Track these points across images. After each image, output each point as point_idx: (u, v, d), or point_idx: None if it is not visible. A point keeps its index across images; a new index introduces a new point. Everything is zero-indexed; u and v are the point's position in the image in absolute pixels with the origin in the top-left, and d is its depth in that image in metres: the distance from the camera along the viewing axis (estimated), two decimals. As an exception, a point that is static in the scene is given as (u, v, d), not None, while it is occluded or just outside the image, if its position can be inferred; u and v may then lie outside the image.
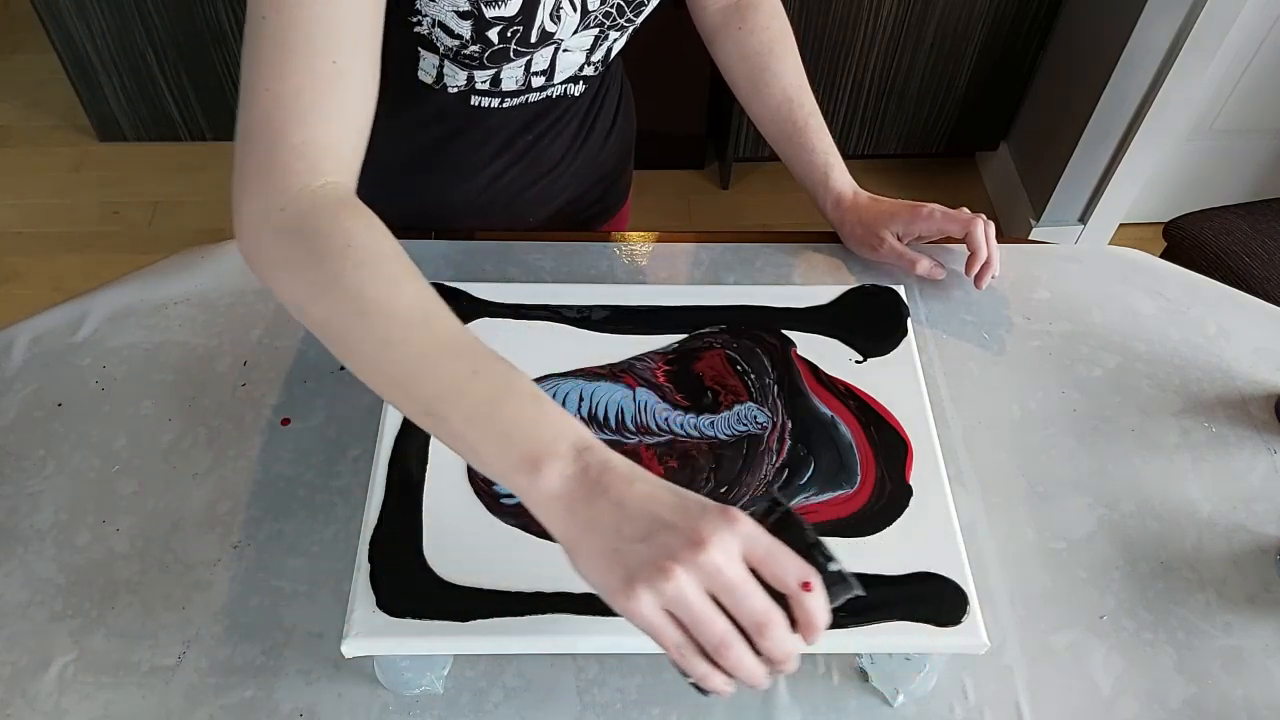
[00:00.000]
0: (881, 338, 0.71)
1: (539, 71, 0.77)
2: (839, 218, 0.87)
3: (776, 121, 0.87)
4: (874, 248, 0.85)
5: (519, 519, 0.60)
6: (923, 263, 0.83)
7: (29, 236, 2.05)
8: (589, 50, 0.77)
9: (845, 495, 0.63)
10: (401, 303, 0.51)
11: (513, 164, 0.87)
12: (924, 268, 0.83)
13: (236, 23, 2.00)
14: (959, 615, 0.57)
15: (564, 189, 0.93)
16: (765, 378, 0.69)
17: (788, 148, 0.87)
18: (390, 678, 0.61)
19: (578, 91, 0.84)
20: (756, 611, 0.44)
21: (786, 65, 0.86)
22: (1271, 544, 0.71)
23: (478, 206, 0.89)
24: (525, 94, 0.80)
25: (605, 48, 0.79)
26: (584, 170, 0.93)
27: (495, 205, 0.90)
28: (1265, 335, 0.84)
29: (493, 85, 0.77)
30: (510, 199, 0.90)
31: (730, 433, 0.66)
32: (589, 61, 0.80)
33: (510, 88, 0.78)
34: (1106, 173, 1.92)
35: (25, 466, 0.71)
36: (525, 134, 0.85)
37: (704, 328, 0.72)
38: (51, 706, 0.61)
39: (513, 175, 0.88)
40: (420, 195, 0.88)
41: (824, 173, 0.86)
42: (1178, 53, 1.68)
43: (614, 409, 0.66)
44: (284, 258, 0.53)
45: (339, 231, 0.52)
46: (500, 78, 0.76)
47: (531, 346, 0.69)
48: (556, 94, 0.83)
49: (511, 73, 0.76)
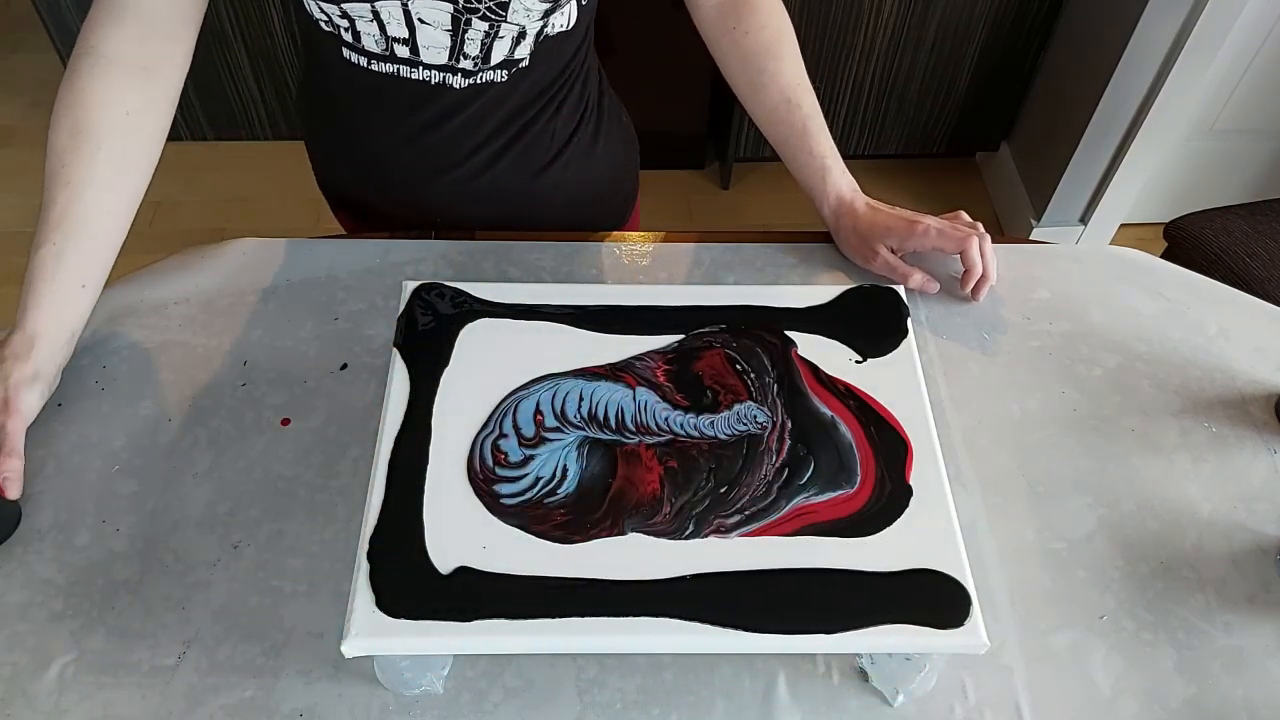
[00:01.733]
0: (881, 338, 0.72)
1: (399, 39, 0.76)
2: (835, 224, 0.87)
3: (775, 123, 0.86)
4: (867, 259, 0.85)
5: (519, 519, 0.61)
6: (915, 277, 0.84)
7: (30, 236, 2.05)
8: (453, 33, 0.76)
9: (845, 495, 0.63)
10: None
11: (406, 148, 0.86)
12: (916, 282, 0.84)
13: (237, 23, 2.01)
14: (961, 616, 0.57)
15: (493, 199, 0.91)
16: (765, 377, 0.69)
17: (786, 149, 0.87)
18: (390, 678, 0.61)
19: (460, 84, 0.81)
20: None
21: (785, 65, 0.85)
22: (1271, 544, 0.71)
23: (373, 180, 0.91)
24: (393, 63, 0.79)
25: (480, 43, 0.77)
26: (539, 189, 0.92)
27: (390, 185, 0.90)
28: (1265, 335, 0.84)
29: (354, 39, 0.77)
30: (413, 186, 0.90)
31: (730, 432, 0.66)
32: (463, 53, 0.78)
33: (371, 47, 0.78)
34: (1107, 173, 1.92)
35: (25, 467, 0.71)
36: (420, 117, 0.84)
37: (704, 328, 0.72)
38: (51, 706, 0.61)
39: (409, 159, 0.87)
40: (326, 145, 0.92)
41: (821, 176, 0.86)
42: (1178, 53, 1.68)
43: (614, 409, 0.66)
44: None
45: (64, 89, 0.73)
46: (358, 29, 0.76)
47: (531, 346, 0.70)
48: (435, 81, 0.80)
49: (366, 27, 0.75)
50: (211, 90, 2.14)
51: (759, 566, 0.59)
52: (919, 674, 0.61)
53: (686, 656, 0.64)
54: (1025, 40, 1.96)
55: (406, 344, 0.69)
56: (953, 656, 0.64)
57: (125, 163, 0.74)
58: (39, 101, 2.33)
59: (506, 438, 0.64)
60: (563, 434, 0.65)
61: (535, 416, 0.66)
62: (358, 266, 0.85)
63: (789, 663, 0.64)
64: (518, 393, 0.67)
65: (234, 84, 2.12)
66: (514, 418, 0.66)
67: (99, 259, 0.74)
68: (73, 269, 0.72)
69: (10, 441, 0.68)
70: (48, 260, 0.71)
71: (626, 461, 0.64)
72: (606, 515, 0.61)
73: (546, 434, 0.65)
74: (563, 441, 0.65)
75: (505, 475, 0.62)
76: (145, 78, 0.74)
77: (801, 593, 0.58)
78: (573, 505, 0.61)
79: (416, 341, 0.69)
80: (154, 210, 2.13)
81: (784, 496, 0.62)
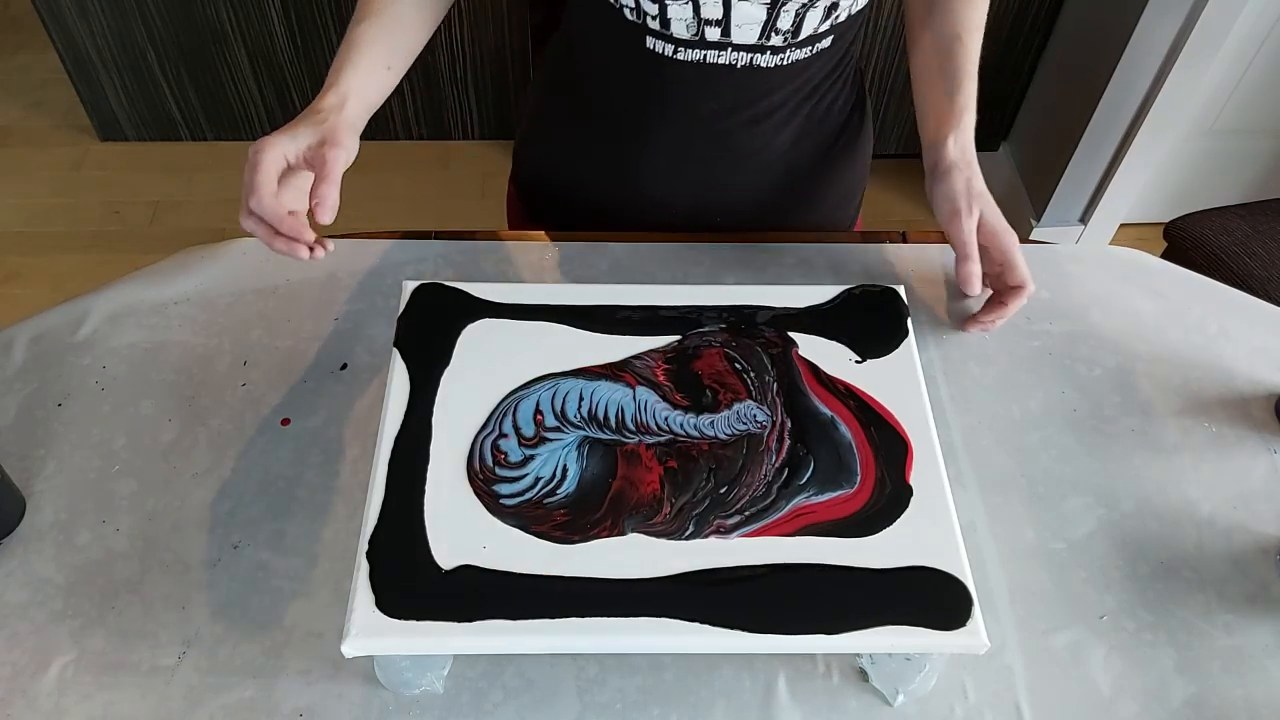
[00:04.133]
0: (881, 338, 0.71)
1: (712, 20, 0.75)
2: (944, 174, 0.80)
3: (937, 51, 0.83)
4: (951, 220, 0.78)
5: (519, 519, 0.61)
6: (974, 273, 0.78)
7: (29, 236, 2.06)
8: (770, 7, 0.74)
9: (845, 495, 0.63)
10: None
11: (699, 139, 0.85)
12: (967, 274, 0.78)
13: (237, 23, 2.01)
14: (961, 616, 0.57)
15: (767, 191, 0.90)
16: (765, 376, 0.69)
17: (927, 80, 0.84)
18: (390, 678, 0.61)
19: (767, 64, 0.80)
20: None
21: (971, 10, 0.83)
22: (1271, 544, 0.71)
23: (661, 183, 0.89)
24: (701, 49, 0.78)
25: (793, 13, 0.75)
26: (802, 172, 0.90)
27: (680, 188, 0.89)
28: (1265, 335, 0.84)
29: (662, 26, 0.76)
30: (698, 185, 0.88)
31: (730, 432, 0.66)
32: (775, 28, 0.76)
33: (681, 34, 0.77)
34: (1107, 173, 1.92)
35: (25, 466, 0.71)
36: (712, 106, 0.83)
37: (704, 327, 0.72)
38: (51, 706, 0.61)
39: (700, 154, 0.86)
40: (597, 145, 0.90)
41: (949, 128, 0.81)
42: (1178, 53, 1.68)
43: (614, 408, 0.67)
44: None
45: None
46: (669, 15, 0.75)
47: (531, 346, 0.70)
48: (741, 63, 0.79)
49: (680, 11, 0.74)
50: (211, 90, 2.14)
51: (759, 567, 0.59)
52: (919, 674, 0.61)
53: (686, 656, 0.64)
54: (1025, 40, 1.96)
55: (406, 344, 0.69)
56: (953, 656, 0.64)
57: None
58: (39, 101, 2.33)
59: (506, 438, 0.64)
60: (563, 434, 0.65)
61: (535, 416, 0.66)
62: (358, 266, 0.85)
63: (789, 663, 0.64)
64: (517, 392, 0.67)
65: (234, 84, 2.12)
66: (514, 417, 0.66)
67: (405, 49, 0.78)
68: (383, 50, 0.76)
69: (329, 169, 0.68)
70: (364, 36, 0.75)
71: (626, 461, 0.64)
72: (606, 515, 0.61)
73: (546, 434, 0.65)
74: (563, 441, 0.65)
75: (505, 475, 0.63)
76: None
77: (801, 593, 0.58)
78: (573, 505, 0.61)
79: (416, 341, 0.69)
80: (154, 210, 2.13)
81: (784, 497, 0.62)
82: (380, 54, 0.76)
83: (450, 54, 2.08)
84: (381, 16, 0.76)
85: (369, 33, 0.75)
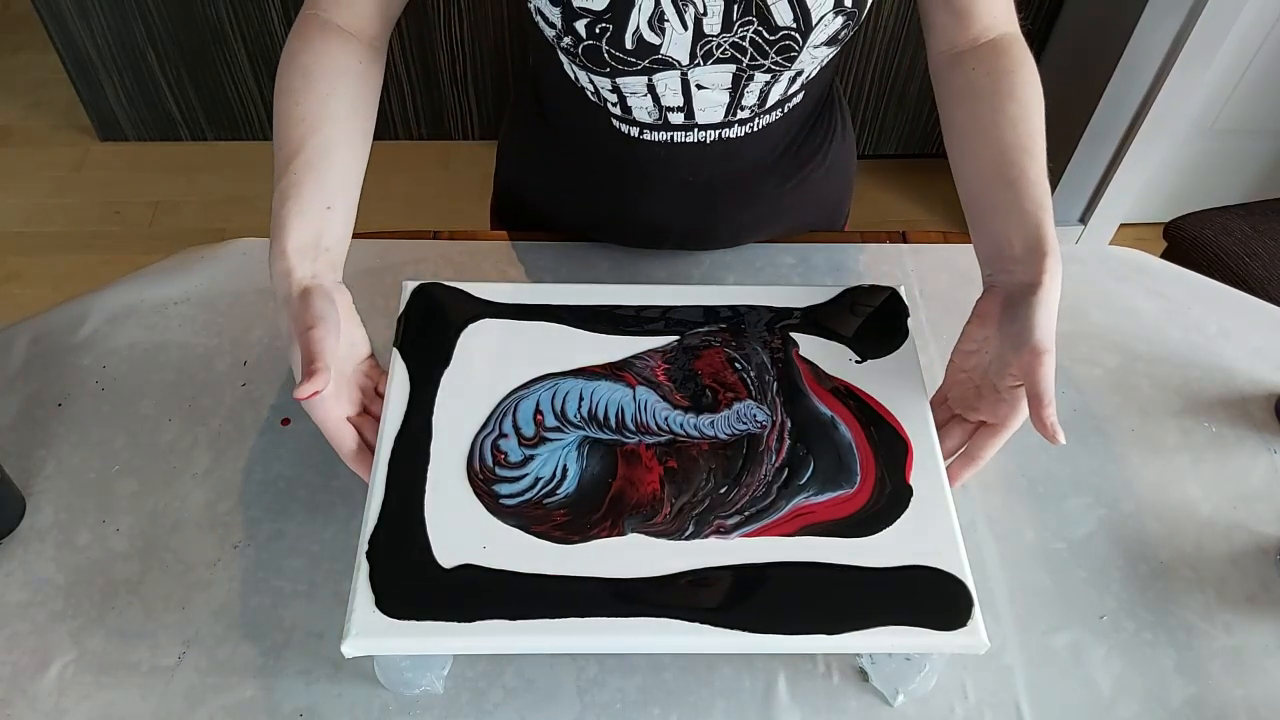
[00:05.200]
0: (882, 338, 0.71)
1: (674, 107, 0.74)
2: (1011, 287, 0.65)
3: (998, 164, 0.69)
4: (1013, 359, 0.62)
5: (519, 519, 0.60)
6: (1053, 425, 0.59)
7: (29, 236, 2.06)
8: (732, 90, 0.72)
9: (845, 495, 0.62)
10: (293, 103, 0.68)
11: (680, 200, 0.83)
12: (1048, 419, 0.59)
13: (237, 23, 2.01)
14: (962, 616, 0.57)
15: (753, 226, 0.88)
16: (765, 376, 0.69)
17: (993, 194, 0.68)
18: (390, 678, 0.61)
19: (736, 134, 0.77)
20: None
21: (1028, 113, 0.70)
22: (1271, 544, 0.71)
23: (645, 236, 0.87)
24: (667, 131, 0.76)
25: (758, 92, 0.73)
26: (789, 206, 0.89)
27: (665, 238, 0.88)
28: (1265, 335, 0.84)
29: (624, 112, 0.75)
30: (684, 236, 0.87)
31: (730, 432, 0.66)
32: (740, 104, 0.74)
33: (643, 119, 0.75)
34: (1107, 173, 1.92)
35: (25, 466, 0.71)
36: (688, 178, 0.81)
37: (704, 327, 0.72)
38: (51, 706, 0.61)
39: (683, 212, 0.84)
40: (577, 195, 0.87)
41: (1036, 226, 0.67)
42: (1178, 53, 1.68)
43: (614, 409, 0.66)
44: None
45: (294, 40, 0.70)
46: (629, 104, 0.74)
47: (531, 346, 0.70)
48: (711, 139, 0.77)
49: (640, 101, 0.73)
50: (211, 90, 2.14)
51: (759, 567, 0.59)
52: (919, 674, 0.61)
53: (686, 657, 0.64)
54: (1025, 40, 1.96)
55: (406, 344, 0.69)
56: (953, 656, 0.64)
57: (360, 103, 0.69)
58: (39, 101, 2.33)
59: (506, 438, 0.64)
60: (563, 434, 0.65)
61: (535, 416, 0.66)
62: (357, 267, 0.85)
63: (789, 663, 0.64)
64: (517, 392, 0.67)
65: (234, 84, 2.12)
66: (514, 417, 0.65)
67: (342, 188, 0.66)
68: (316, 195, 0.64)
69: (313, 350, 0.58)
70: (289, 190, 0.63)
71: (626, 461, 0.64)
72: (606, 515, 0.61)
73: (546, 434, 0.65)
74: (562, 441, 0.64)
75: (505, 475, 0.62)
76: (370, 48, 0.72)
77: (802, 593, 0.58)
78: (573, 505, 0.61)
79: (416, 341, 0.69)
80: (154, 210, 2.13)
81: (784, 497, 0.62)
82: (315, 198, 0.64)
83: (450, 54, 2.08)
84: (304, 160, 0.65)
85: (293, 184, 0.64)
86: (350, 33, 0.71)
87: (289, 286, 0.61)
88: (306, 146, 0.65)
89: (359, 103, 0.69)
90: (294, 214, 0.62)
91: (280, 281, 0.61)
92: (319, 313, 0.59)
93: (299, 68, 0.68)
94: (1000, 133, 0.69)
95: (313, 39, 0.69)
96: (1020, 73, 0.72)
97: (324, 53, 0.69)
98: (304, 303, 0.60)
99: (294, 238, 0.62)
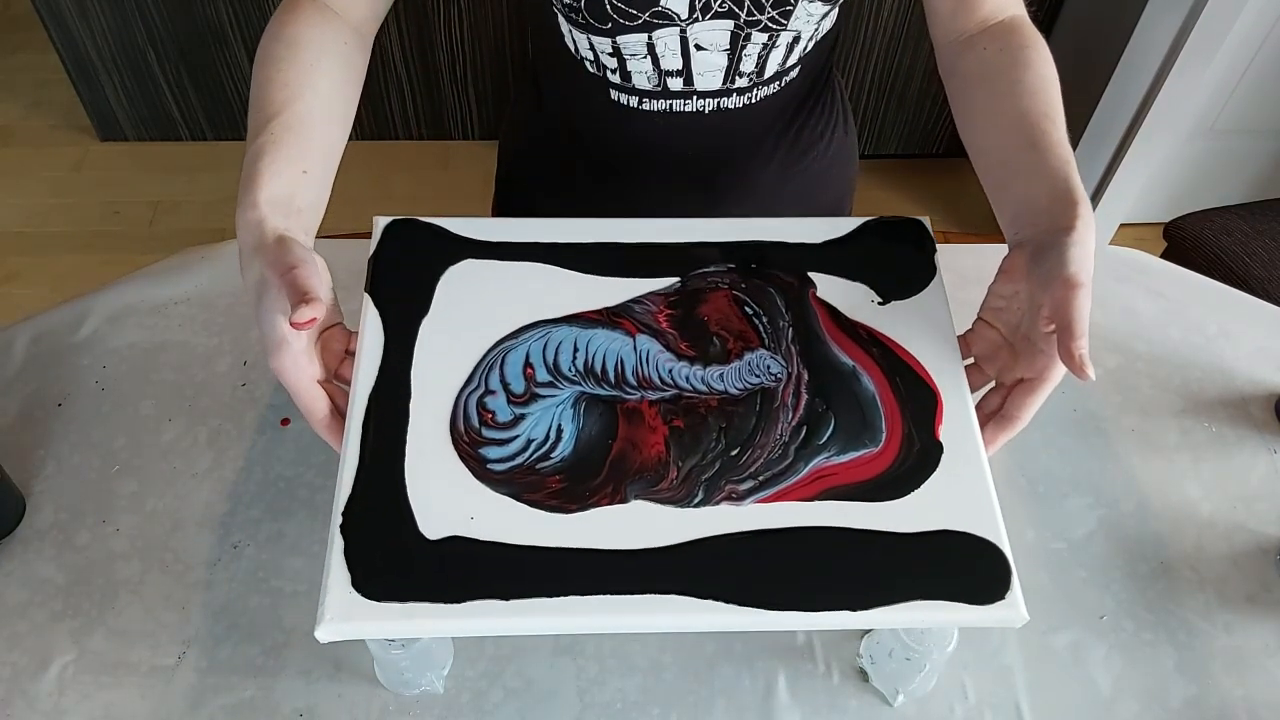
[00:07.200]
0: (907, 276, 0.64)
1: (673, 71, 0.73)
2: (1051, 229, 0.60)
3: (1020, 128, 0.65)
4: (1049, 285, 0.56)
5: (510, 486, 0.55)
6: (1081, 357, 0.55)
7: (29, 236, 2.06)
8: (730, 52, 0.72)
9: (869, 455, 0.56)
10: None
11: (678, 182, 0.83)
12: (1076, 350, 0.55)
13: (237, 23, 2.01)
14: (1000, 589, 0.51)
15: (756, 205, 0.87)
16: (779, 321, 0.62)
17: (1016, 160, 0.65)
18: (390, 678, 0.61)
19: (735, 105, 0.77)
20: None
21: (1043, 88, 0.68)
22: (1271, 544, 0.71)
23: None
24: (666, 99, 0.76)
25: (756, 57, 0.73)
26: (789, 199, 0.88)
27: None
28: (1265, 335, 0.84)
29: (623, 80, 0.75)
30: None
31: (741, 386, 0.59)
32: (738, 71, 0.74)
33: (644, 86, 0.75)
34: (1107, 173, 1.92)
35: (25, 466, 0.71)
36: (686, 151, 0.80)
37: (710, 266, 0.65)
38: (51, 706, 0.61)
39: (682, 196, 0.84)
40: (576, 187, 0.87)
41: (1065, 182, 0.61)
42: (1178, 53, 1.68)
43: (613, 360, 0.60)
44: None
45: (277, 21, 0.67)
46: (628, 69, 0.74)
47: (519, 290, 0.62)
48: (709, 108, 0.77)
49: (639, 65, 0.73)
50: (211, 90, 2.14)
51: (775, 536, 0.53)
52: (919, 674, 0.61)
53: (686, 655, 0.64)
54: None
55: (379, 289, 0.62)
56: (953, 656, 0.64)
57: (343, 84, 0.66)
58: (39, 101, 2.33)
59: (494, 395, 0.58)
60: (556, 389, 0.59)
61: (525, 370, 0.59)
62: (355, 266, 0.85)
63: (789, 662, 0.64)
64: (505, 343, 0.61)
65: (234, 84, 2.12)
66: (501, 372, 0.59)
67: (320, 158, 0.62)
68: (293, 156, 0.59)
69: (301, 286, 0.53)
70: (265, 147, 0.58)
71: (628, 420, 0.58)
72: (607, 481, 0.55)
73: (538, 390, 0.59)
74: (556, 398, 0.58)
75: (493, 437, 0.57)
76: (357, 33, 0.70)
77: (823, 564, 0.52)
78: (569, 470, 0.56)
79: (391, 286, 0.62)
80: (154, 210, 2.13)
81: (802, 458, 0.56)
82: (292, 160, 0.60)
83: (450, 54, 2.08)
84: (283, 122, 0.61)
85: (270, 142, 0.59)
86: (337, 13, 0.69)
87: (261, 234, 0.55)
88: (287, 110, 0.61)
89: (342, 84, 0.66)
90: (268, 169, 0.57)
91: (250, 231, 0.55)
92: (300, 256, 0.54)
93: (285, 38, 0.65)
94: (1019, 101, 0.67)
95: (301, 13, 0.67)
96: (1034, 48, 0.70)
97: (311, 26, 0.66)
98: (282, 246, 0.54)
99: (266, 190, 0.57)
